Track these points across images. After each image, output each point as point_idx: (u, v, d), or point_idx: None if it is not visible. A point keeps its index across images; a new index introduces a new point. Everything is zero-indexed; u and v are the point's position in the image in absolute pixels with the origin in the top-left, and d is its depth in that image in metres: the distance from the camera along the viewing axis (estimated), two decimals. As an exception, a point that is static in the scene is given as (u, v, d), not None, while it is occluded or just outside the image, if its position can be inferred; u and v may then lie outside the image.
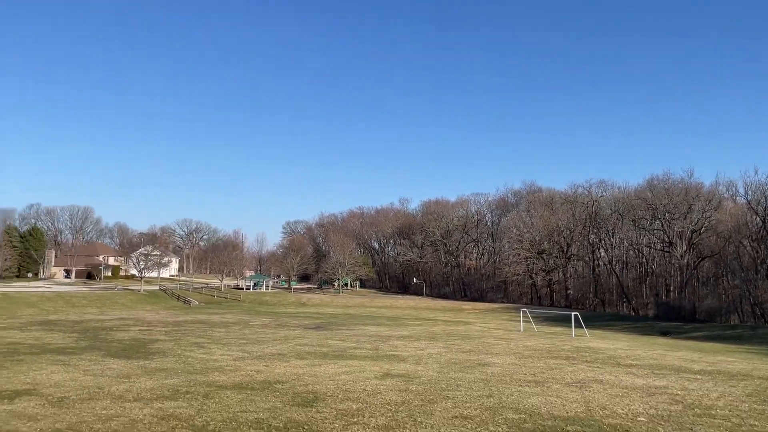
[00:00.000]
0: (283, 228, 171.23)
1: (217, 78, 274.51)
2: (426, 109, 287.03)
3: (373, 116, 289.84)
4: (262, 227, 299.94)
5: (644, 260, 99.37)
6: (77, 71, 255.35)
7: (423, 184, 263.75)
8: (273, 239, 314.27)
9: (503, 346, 31.09)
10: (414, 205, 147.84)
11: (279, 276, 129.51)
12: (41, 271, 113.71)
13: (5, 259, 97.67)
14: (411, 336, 37.32)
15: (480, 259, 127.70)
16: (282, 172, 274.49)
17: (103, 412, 13.61)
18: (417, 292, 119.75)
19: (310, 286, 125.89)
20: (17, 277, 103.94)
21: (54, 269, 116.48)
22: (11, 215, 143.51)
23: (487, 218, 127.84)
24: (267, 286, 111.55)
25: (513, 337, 38.58)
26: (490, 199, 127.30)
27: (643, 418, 12.59)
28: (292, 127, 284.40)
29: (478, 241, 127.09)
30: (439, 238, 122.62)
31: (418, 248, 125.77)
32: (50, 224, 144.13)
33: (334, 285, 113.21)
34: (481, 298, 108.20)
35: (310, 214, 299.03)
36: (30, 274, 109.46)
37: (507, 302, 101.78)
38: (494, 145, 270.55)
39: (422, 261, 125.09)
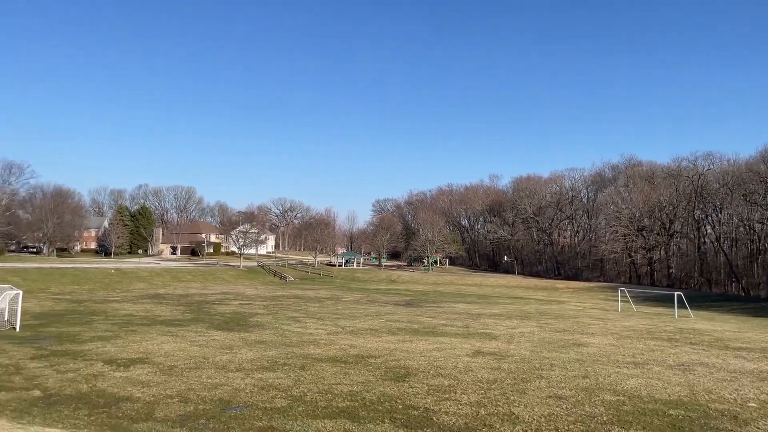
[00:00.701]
0: (373, 206, 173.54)
1: (308, 65, 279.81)
2: (515, 83, 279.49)
3: (459, 92, 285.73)
4: (353, 206, 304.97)
5: (756, 237, 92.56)
6: (181, 62, 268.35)
7: (513, 160, 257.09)
8: (363, 217, 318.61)
9: (599, 326, 30.15)
10: (504, 182, 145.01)
11: (369, 253, 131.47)
12: (150, 247, 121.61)
13: (118, 237, 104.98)
14: (502, 314, 36.97)
15: (575, 236, 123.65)
16: (371, 151, 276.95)
17: (209, 380, 14.48)
18: (508, 271, 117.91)
19: (399, 263, 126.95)
20: (129, 253, 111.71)
21: (161, 246, 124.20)
22: (122, 195, 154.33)
23: (582, 194, 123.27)
24: (358, 263, 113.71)
25: (610, 317, 37.31)
26: (585, 174, 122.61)
27: (753, 404, 11.85)
28: (380, 107, 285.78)
29: (572, 218, 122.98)
30: (531, 216, 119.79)
31: (509, 226, 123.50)
32: (157, 203, 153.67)
33: (423, 262, 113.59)
34: (575, 277, 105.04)
35: (399, 192, 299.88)
36: (140, 251, 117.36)
37: (603, 281, 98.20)
38: (589, 119, 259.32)
39: (513, 239, 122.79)
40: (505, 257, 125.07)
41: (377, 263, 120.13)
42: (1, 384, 13.96)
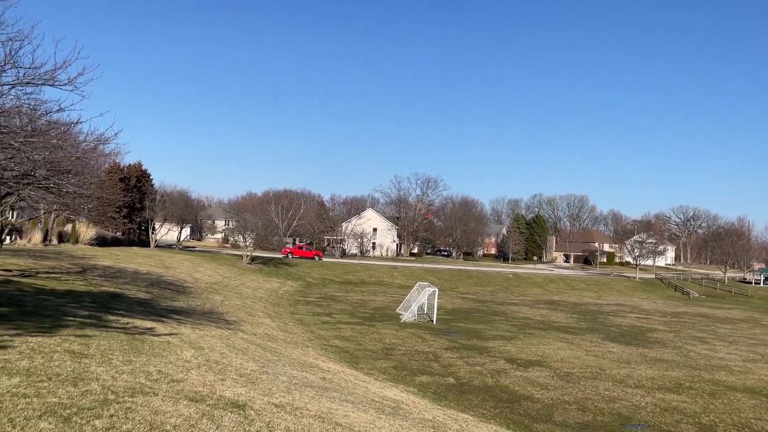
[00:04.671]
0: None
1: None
2: None
3: None
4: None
5: None
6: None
7: None
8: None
9: None
10: None
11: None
12: (543, 254, 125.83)
13: (515, 243, 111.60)
14: None
15: None
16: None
17: (606, 392, 14.27)
18: None
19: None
20: (524, 259, 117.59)
21: (554, 254, 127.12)
22: (518, 205, 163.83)
23: None
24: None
25: None
26: None
27: None
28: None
29: None
30: None
31: None
32: (550, 212, 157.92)
33: None
34: None
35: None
36: (534, 258, 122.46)
37: None
38: None
39: None
40: None
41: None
42: (423, 368, 16.39)
